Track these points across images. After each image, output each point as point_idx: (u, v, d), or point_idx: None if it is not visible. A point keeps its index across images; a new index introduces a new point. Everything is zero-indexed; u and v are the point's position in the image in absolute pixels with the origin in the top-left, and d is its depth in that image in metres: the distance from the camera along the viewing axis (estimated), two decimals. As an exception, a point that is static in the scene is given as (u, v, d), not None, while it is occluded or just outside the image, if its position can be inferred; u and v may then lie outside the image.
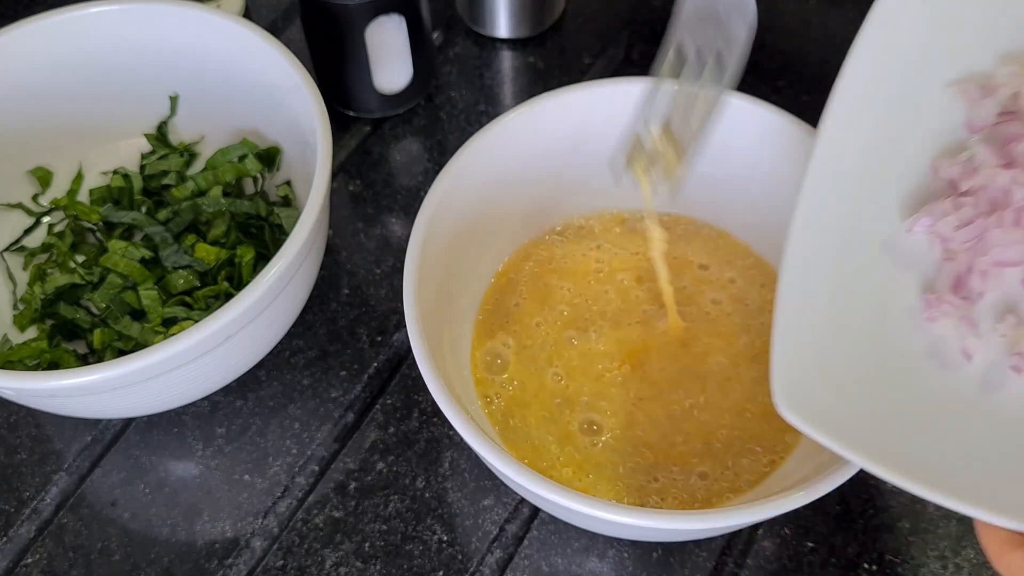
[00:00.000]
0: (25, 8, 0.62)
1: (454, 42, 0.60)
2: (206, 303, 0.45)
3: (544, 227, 0.47)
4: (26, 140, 0.49)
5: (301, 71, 0.44)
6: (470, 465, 0.44)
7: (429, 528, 0.43)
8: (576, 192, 0.46)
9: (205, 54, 0.48)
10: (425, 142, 0.55)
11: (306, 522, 0.43)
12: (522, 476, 0.33)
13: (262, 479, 0.44)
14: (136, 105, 0.51)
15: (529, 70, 0.58)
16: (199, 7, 0.46)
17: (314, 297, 0.49)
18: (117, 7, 0.47)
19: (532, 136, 0.43)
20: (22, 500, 0.44)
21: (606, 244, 0.46)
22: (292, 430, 0.45)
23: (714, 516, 0.32)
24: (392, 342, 0.48)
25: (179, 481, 0.44)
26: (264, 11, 0.61)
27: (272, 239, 0.47)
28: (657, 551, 0.42)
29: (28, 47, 0.47)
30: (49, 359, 0.44)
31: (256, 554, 0.42)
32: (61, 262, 0.48)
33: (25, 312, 0.46)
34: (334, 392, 0.47)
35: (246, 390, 0.46)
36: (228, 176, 0.49)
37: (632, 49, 0.59)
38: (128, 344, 0.44)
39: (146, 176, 0.50)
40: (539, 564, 0.42)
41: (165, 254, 0.46)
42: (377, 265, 0.50)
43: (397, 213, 0.52)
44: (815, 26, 0.60)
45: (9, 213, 0.49)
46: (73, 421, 0.46)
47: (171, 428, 0.46)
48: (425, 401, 0.46)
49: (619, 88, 0.43)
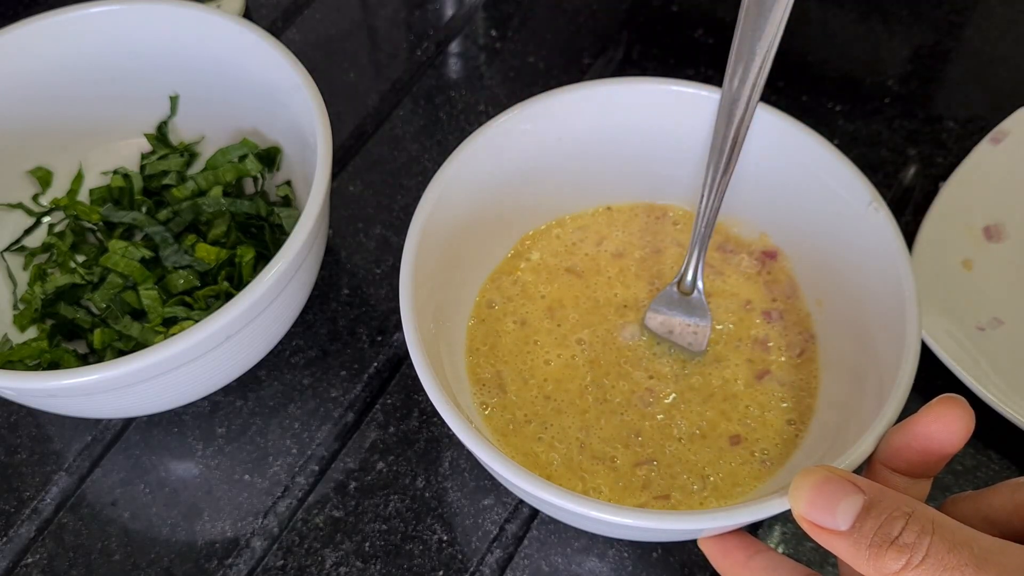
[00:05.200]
0: (25, 8, 0.62)
1: (455, 42, 0.60)
2: (206, 303, 0.45)
3: (541, 227, 0.47)
4: (26, 140, 0.49)
5: (301, 71, 0.44)
6: (470, 465, 0.44)
7: (429, 528, 0.43)
8: (574, 192, 0.46)
9: (205, 54, 0.48)
10: (425, 142, 0.55)
11: (306, 522, 0.43)
12: (521, 479, 0.33)
13: (262, 479, 0.44)
14: (136, 105, 0.51)
15: (529, 69, 0.58)
16: (199, 7, 0.46)
17: (314, 297, 0.49)
18: (117, 7, 0.47)
19: (530, 136, 0.43)
20: (22, 500, 0.44)
21: (604, 243, 0.46)
22: (292, 430, 0.45)
23: (714, 516, 0.32)
24: (392, 342, 0.48)
25: (179, 481, 0.44)
26: (264, 11, 0.61)
27: (272, 239, 0.47)
28: (657, 551, 0.42)
29: (28, 47, 0.47)
30: (49, 359, 0.44)
31: (256, 554, 0.42)
32: (61, 262, 0.48)
33: (25, 312, 0.46)
34: (334, 392, 0.47)
35: (246, 390, 0.46)
36: (228, 176, 0.49)
37: (632, 49, 0.59)
38: (128, 344, 0.44)
39: (146, 176, 0.50)
40: (539, 564, 0.42)
41: (165, 254, 0.46)
42: (377, 265, 0.50)
43: (397, 213, 0.52)
44: (815, 26, 0.60)
45: (9, 213, 0.49)
46: (73, 421, 0.46)
47: (171, 428, 0.46)
48: (425, 401, 0.46)
49: (619, 88, 0.43)
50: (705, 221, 0.41)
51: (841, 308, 0.42)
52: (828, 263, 0.43)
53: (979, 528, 0.28)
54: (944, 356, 0.44)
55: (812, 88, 0.57)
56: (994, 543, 0.27)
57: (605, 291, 0.45)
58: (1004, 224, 0.50)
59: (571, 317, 0.44)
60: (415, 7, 0.61)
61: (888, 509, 0.28)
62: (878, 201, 0.39)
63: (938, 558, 0.26)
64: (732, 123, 0.40)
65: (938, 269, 0.48)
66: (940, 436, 0.31)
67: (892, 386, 0.35)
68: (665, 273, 0.45)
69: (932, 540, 0.27)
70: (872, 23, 0.60)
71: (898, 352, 0.36)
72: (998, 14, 0.61)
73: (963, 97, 0.57)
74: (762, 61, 0.38)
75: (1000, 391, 0.43)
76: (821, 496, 0.28)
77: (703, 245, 0.42)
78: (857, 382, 0.39)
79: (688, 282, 0.43)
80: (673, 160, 0.45)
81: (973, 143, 0.52)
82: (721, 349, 0.43)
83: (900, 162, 0.54)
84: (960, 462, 0.45)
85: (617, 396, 0.42)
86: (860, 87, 0.57)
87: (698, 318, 0.43)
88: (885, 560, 0.27)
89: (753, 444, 0.41)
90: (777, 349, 0.43)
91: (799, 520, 0.29)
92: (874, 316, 0.39)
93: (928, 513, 0.28)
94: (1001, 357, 0.45)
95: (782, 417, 0.41)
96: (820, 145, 0.41)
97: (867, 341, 0.39)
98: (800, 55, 0.59)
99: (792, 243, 0.45)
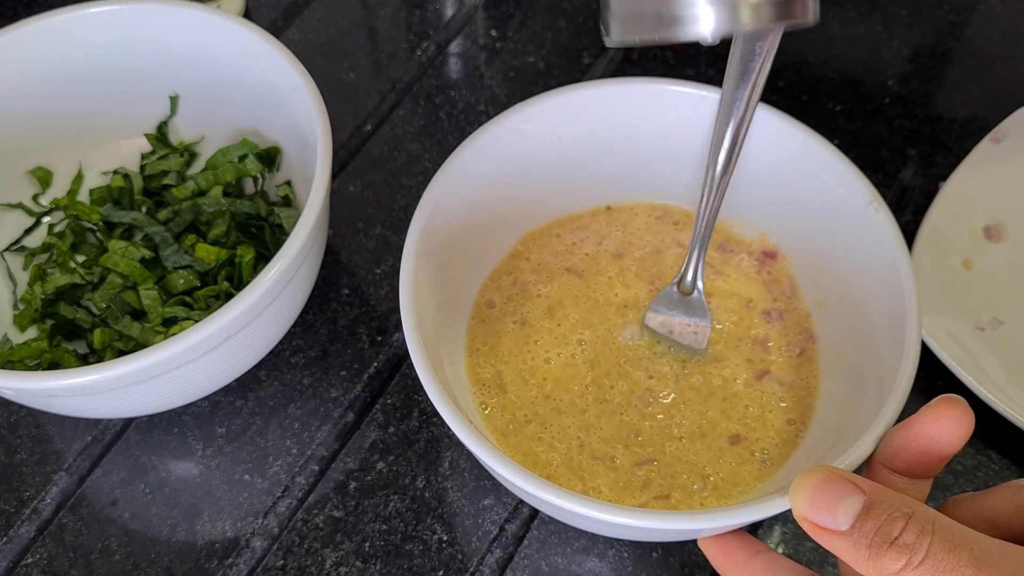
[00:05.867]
0: (25, 8, 0.62)
1: (455, 42, 0.60)
2: (206, 303, 0.45)
3: (541, 227, 0.47)
4: (26, 140, 0.49)
5: (301, 71, 0.44)
6: (470, 465, 0.44)
7: (429, 528, 0.43)
8: (574, 192, 0.46)
9: (205, 54, 0.48)
10: (425, 142, 0.55)
11: (306, 522, 0.43)
12: (521, 478, 0.33)
13: (262, 479, 0.44)
14: (136, 105, 0.51)
15: (529, 69, 0.58)
16: (199, 7, 0.46)
17: (314, 297, 0.49)
18: (117, 7, 0.47)
19: (530, 136, 0.43)
20: (22, 500, 0.44)
21: (604, 243, 0.46)
22: (292, 430, 0.45)
23: (714, 516, 0.32)
24: (392, 342, 0.48)
25: (179, 481, 0.44)
26: (264, 11, 0.61)
27: (272, 239, 0.47)
28: (657, 551, 0.42)
29: (28, 47, 0.47)
30: (49, 359, 0.44)
31: (256, 554, 0.42)
32: (61, 262, 0.48)
33: (25, 312, 0.46)
34: (334, 392, 0.47)
35: (246, 390, 0.47)
36: (228, 176, 0.49)
37: (632, 49, 0.59)
38: (128, 344, 0.44)
39: (146, 176, 0.50)
40: (539, 564, 0.42)
41: (165, 254, 0.46)
42: (377, 265, 0.50)
43: (397, 213, 0.52)
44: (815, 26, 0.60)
45: (9, 213, 0.49)
46: (73, 421, 0.46)
47: (171, 428, 0.46)
48: (425, 401, 0.46)
49: (619, 88, 0.43)
50: (705, 221, 0.41)
51: (841, 308, 0.42)
52: (828, 263, 0.43)
53: (979, 530, 0.28)
54: (944, 356, 0.44)
55: (812, 88, 0.57)
56: (994, 544, 0.27)
57: (605, 291, 0.45)
58: (1004, 224, 0.50)
59: (571, 317, 0.44)
60: (415, 7, 0.61)
61: (888, 509, 0.28)
62: (878, 201, 0.39)
63: (938, 559, 0.26)
64: (732, 123, 0.40)
65: (938, 269, 0.48)
66: (940, 436, 0.31)
67: (892, 386, 0.35)
68: (665, 273, 0.45)
69: (932, 541, 0.27)
70: (872, 23, 0.60)
71: (898, 352, 0.36)
72: (998, 14, 0.61)
73: (963, 97, 0.57)
74: (762, 61, 0.38)
75: (1000, 391, 0.43)
76: (822, 496, 0.28)
77: (703, 245, 0.42)
78: (857, 382, 0.39)
79: (688, 282, 0.43)
80: (673, 160, 0.45)
81: (973, 143, 0.52)
82: (721, 349, 0.43)
83: (900, 162, 0.54)
84: (960, 462, 0.45)
85: (617, 396, 0.42)
86: (860, 87, 0.57)
87: (698, 318, 0.43)
88: (885, 560, 0.27)
89: (753, 444, 0.41)
90: (777, 349, 0.43)
91: (799, 520, 0.29)
92: (874, 316, 0.39)
93: (928, 514, 0.28)
94: (1001, 357, 0.45)
95: (782, 417, 0.41)
96: (820, 145, 0.41)
97: (867, 341, 0.39)
98: (800, 55, 0.59)
99: (792, 243, 0.45)
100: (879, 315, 0.39)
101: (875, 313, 0.39)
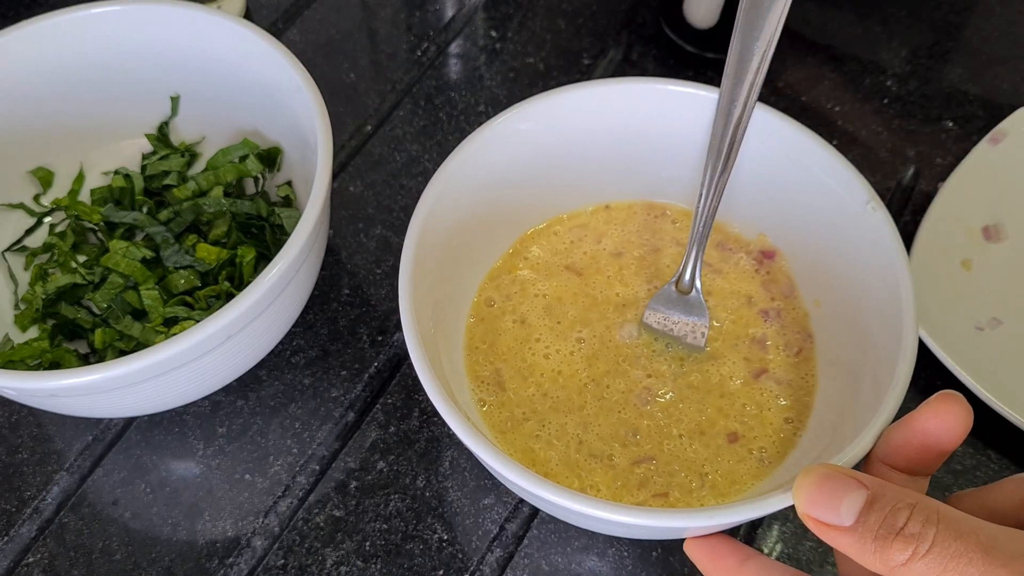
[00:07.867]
0: (26, 8, 0.62)
1: (455, 43, 0.60)
2: (207, 303, 0.45)
3: (540, 225, 0.47)
4: (27, 140, 0.49)
5: (302, 72, 0.44)
6: (470, 464, 0.44)
7: (429, 527, 0.43)
8: (573, 190, 0.47)
9: (206, 55, 0.48)
10: (425, 142, 0.55)
11: (307, 521, 0.43)
12: (518, 476, 0.33)
13: (263, 478, 0.44)
14: (137, 105, 0.51)
15: (529, 70, 0.59)
16: (200, 8, 0.47)
17: (315, 297, 0.49)
18: (117, 7, 0.47)
19: (529, 136, 0.43)
20: (23, 499, 0.44)
21: (603, 242, 0.47)
22: (293, 429, 0.46)
23: (712, 514, 0.32)
24: (392, 342, 0.48)
25: (180, 480, 0.44)
26: (265, 11, 0.61)
27: (273, 239, 0.47)
28: (657, 550, 0.42)
29: (29, 48, 0.47)
30: (50, 359, 0.44)
31: (257, 553, 0.42)
32: (62, 262, 0.48)
33: (26, 312, 0.46)
34: (335, 391, 0.47)
35: (247, 390, 0.47)
36: (229, 176, 0.49)
37: (632, 49, 0.60)
38: (129, 344, 0.44)
39: (147, 176, 0.50)
40: (539, 563, 0.42)
41: (166, 254, 0.46)
42: (377, 265, 0.51)
43: (397, 213, 0.52)
44: (815, 26, 0.60)
45: (10, 213, 0.50)
46: (74, 420, 0.46)
47: (172, 428, 0.46)
48: (425, 400, 0.46)
49: (619, 88, 0.43)
50: (703, 220, 0.41)
51: (839, 307, 0.42)
52: (826, 263, 0.43)
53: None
54: (943, 356, 0.44)
55: (812, 88, 0.57)
56: (1000, 530, 0.27)
57: (604, 289, 0.45)
58: (1003, 224, 0.50)
59: (570, 315, 0.44)
60: (415, 8, 0.62)
61: (892, 501, 0.27)
62: (876, 201, 0.39)
63: (945, 546, 0.26)
64: (730, 123, 0.40)
65: (937, 269, 0.48)
66: (939, 432, 0.31)
67: (889, 384, 0.35)
68: (663, 271, 0.46)
69: (938, 529, 0.26)
70: (871, 23, 0.61)
71: (895, 350, 0.36)
72: (997, 14, 0.61)
73: (963, 97, 0.57)
74: (760, 61, 0.38)
75: (999, 391, 0.43)
76: (824, 493, 0.28)
77: (701, 244, 0.42)
78: (854, 381, 0.39)
79: (686, 281, 0.43)
80: (672, 159, 0.45)
81: (972, 143, 0.53)
82: (719, 348, 0.43)
83: (899, 162, 0.55)
84: (959, 461, 0.45)
85: (615, 394, 0.42)
86: (860, 87, 0.57)
87: (696, 317, 0.43)
88: (891, 552, 0.27)
89: (751, 442, 0.41)
90: (775, 348, 0.43)
91: (803, 518, 0.29)
92: (871, 315, 0.39)
93: (932, 504, 0.27)
94: (1000, 357, 0.45)
95: (780, 415, 0.41)
96: (818, 145, 0.41)
97: (864, 340, 0.39)
98: (800, 55, 0.59)
99: (790, 243, 0.45)
100: (876, 314, 0.39)
101: (872, 312, 0.39)
